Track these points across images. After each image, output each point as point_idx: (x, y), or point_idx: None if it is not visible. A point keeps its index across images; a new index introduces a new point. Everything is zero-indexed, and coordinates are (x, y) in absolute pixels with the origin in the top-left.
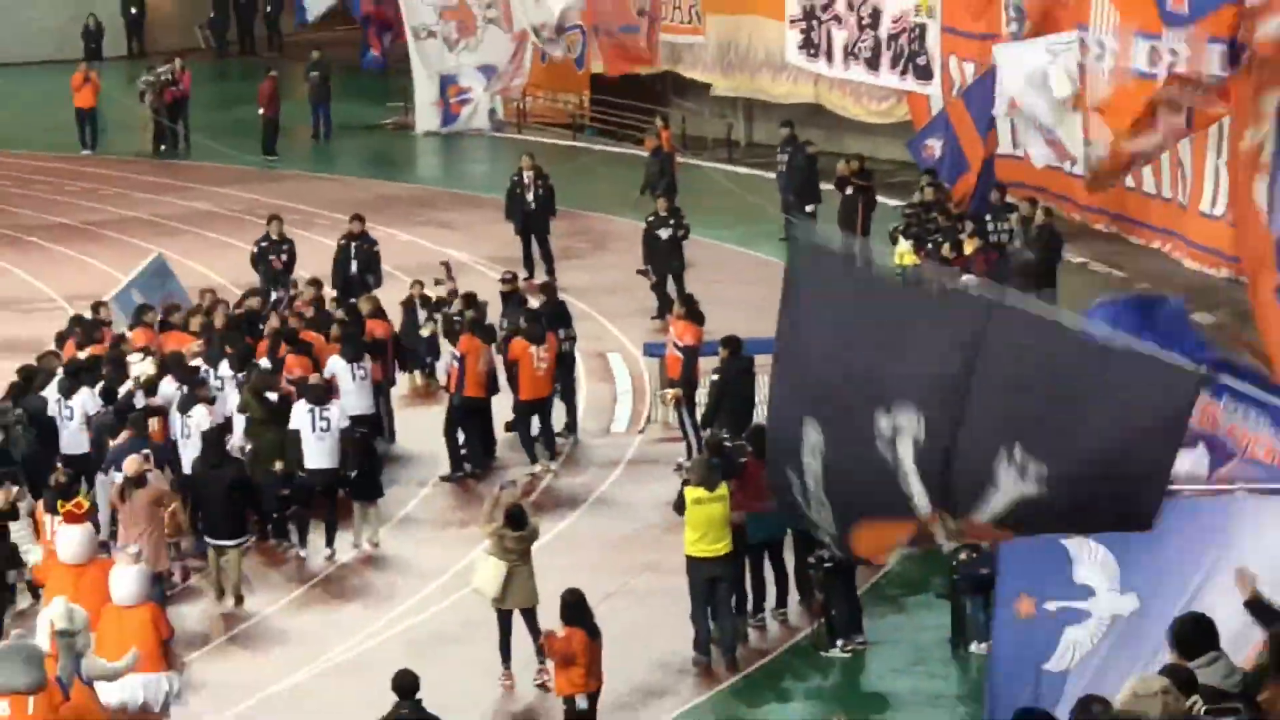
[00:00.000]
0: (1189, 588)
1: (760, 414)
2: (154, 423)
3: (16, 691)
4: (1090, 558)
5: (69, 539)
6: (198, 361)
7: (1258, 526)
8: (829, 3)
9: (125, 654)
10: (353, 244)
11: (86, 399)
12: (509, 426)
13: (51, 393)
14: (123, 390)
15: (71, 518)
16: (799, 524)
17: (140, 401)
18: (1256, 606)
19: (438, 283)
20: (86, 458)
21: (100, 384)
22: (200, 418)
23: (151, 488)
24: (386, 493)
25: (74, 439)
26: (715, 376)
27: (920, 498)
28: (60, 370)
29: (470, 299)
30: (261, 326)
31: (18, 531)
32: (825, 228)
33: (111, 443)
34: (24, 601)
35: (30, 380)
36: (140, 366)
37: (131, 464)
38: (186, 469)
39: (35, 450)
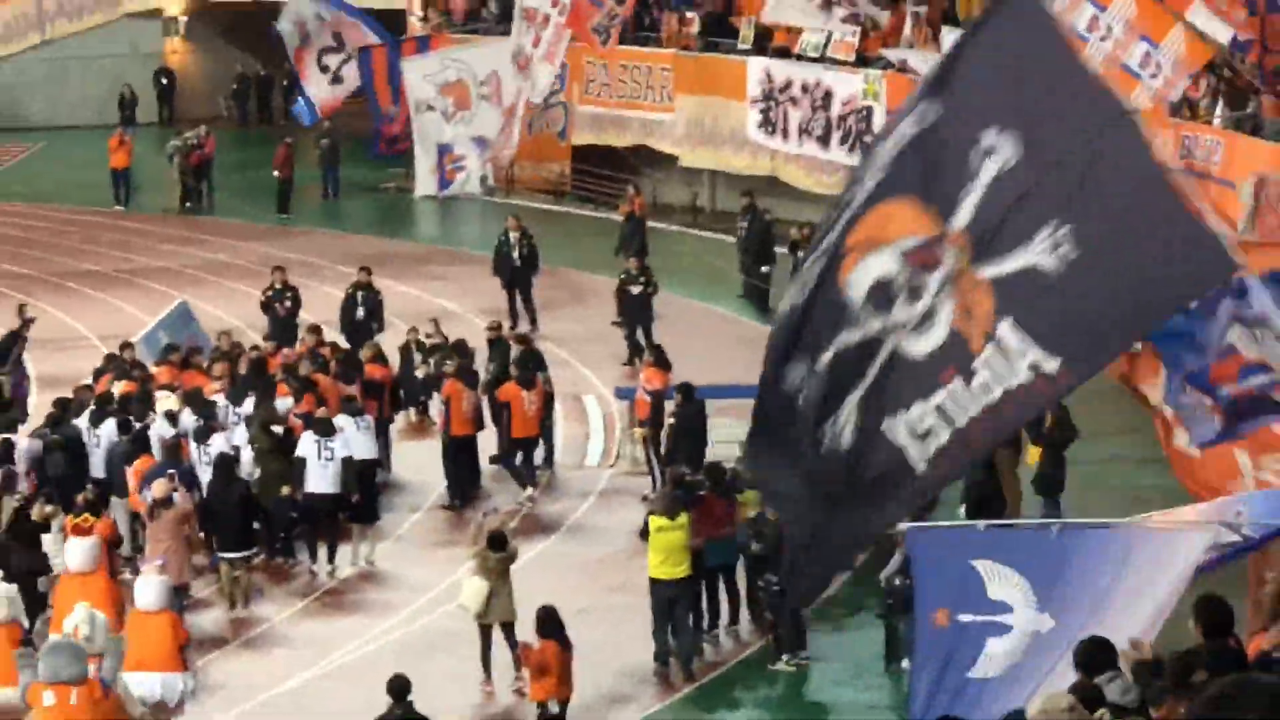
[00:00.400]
0: (1095, 612)
1: (710, 453)
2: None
3: (62, 682)
4: (1002, 578)
5: (76, 550)
6: (220, 398)
7: (1158, 558)
8: (786, 86)
9: (147, 659)
10: (359, 293)
11: (112, 428)
12: (493, 459)
13: (83, 422)
14: (152, 421)
15: (79, 531)
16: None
17: (167, 432)
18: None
19: (428, 336)
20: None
21: (119, 417)
22: (218, 447)
23: (178, 508)
24: (383, 516)
25: (101, 464)
26: (671, 420)
27: (966, 211)
28: (92, 402)
29: (460, 346)
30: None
31: (48, 544)
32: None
33: (127, 468)
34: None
35: (65, 410)
36: (166, 401)
37: (160, 486)
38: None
39: (67, 472)
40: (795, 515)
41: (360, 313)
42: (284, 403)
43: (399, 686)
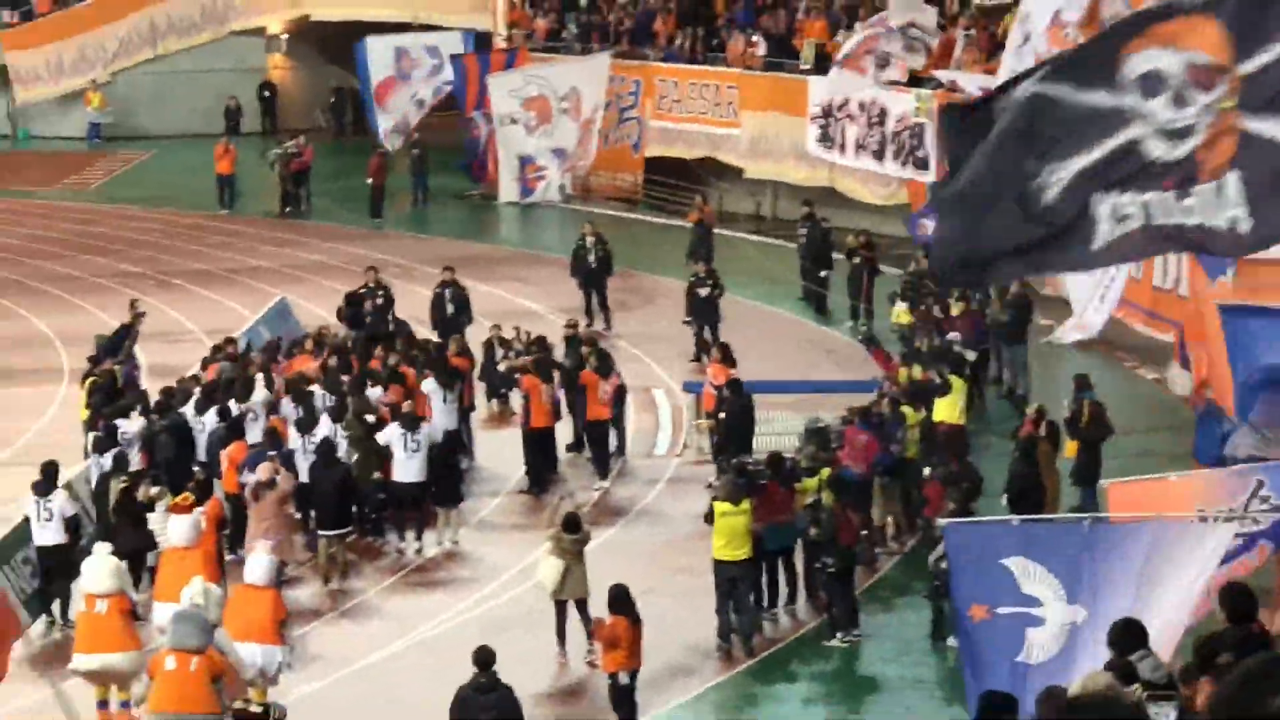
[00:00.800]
0: (1126, 597)
1: (771, 444)
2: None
3: (186, 650)
4: (1032, 575)
5: (177, 526)
6: (315, 387)
7: (1184, 547)
8: (844, 103)
9: (252, 631)
10: (447, 290)
11: (214, 416)
12: (569, 448)
13: (190, 409)
14: (248, 407)
15: (179, 509)
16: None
17: (261, 420)
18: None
19: (514, 329)
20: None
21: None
22: (321, 433)
23: (280, 489)
24: (465, 500)
25: (205, 448)
26: (721, 414)
27: (1257, 61)
28: (197, 391)
29: (540, 342)
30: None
31: (153, 522)
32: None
33: (222, 452)
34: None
35: (171, 398)
36: (262, 391)
37: (264, 469)
38: (303, 478)
39: (174, 456)
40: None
41: (450, 309)
42: (373, 392)
43: (483, 657)
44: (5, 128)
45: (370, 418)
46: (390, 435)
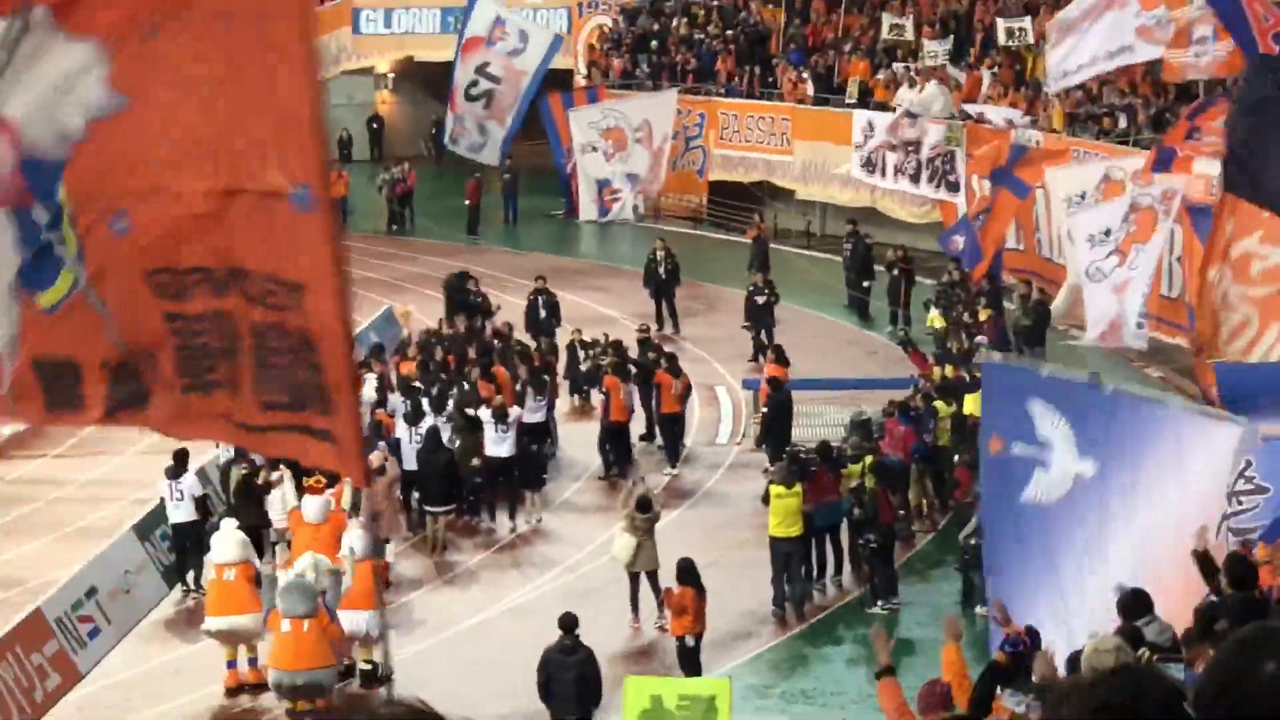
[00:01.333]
0: (1136, 472)
1: (810, 433)
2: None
3: (298, 616)
4: (1049, 423)
5: (310, 505)
6: (418, 384)
7: (1201, 447)
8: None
9: (355, 598)
10: (539, 297)
11: None
12: (641, 438)
13: None
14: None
15: (312, 491)
16: None
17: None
18: (1201, 558)
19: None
20: None
21: None
22: (427, 424)
23: (388, 474)
24: (549, 484)
25: None
26: (764, 409)
27: None
28: None
29: (617, 345)
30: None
31: (271, 503)
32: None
33: None
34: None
35: None
36: (368, 390)
37: (375, 457)
38: (409, 465)
39: None
40: None
41: (542, 314)
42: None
43: (568, 621)
44: None
45: (470, 411)
46: (485, 417)
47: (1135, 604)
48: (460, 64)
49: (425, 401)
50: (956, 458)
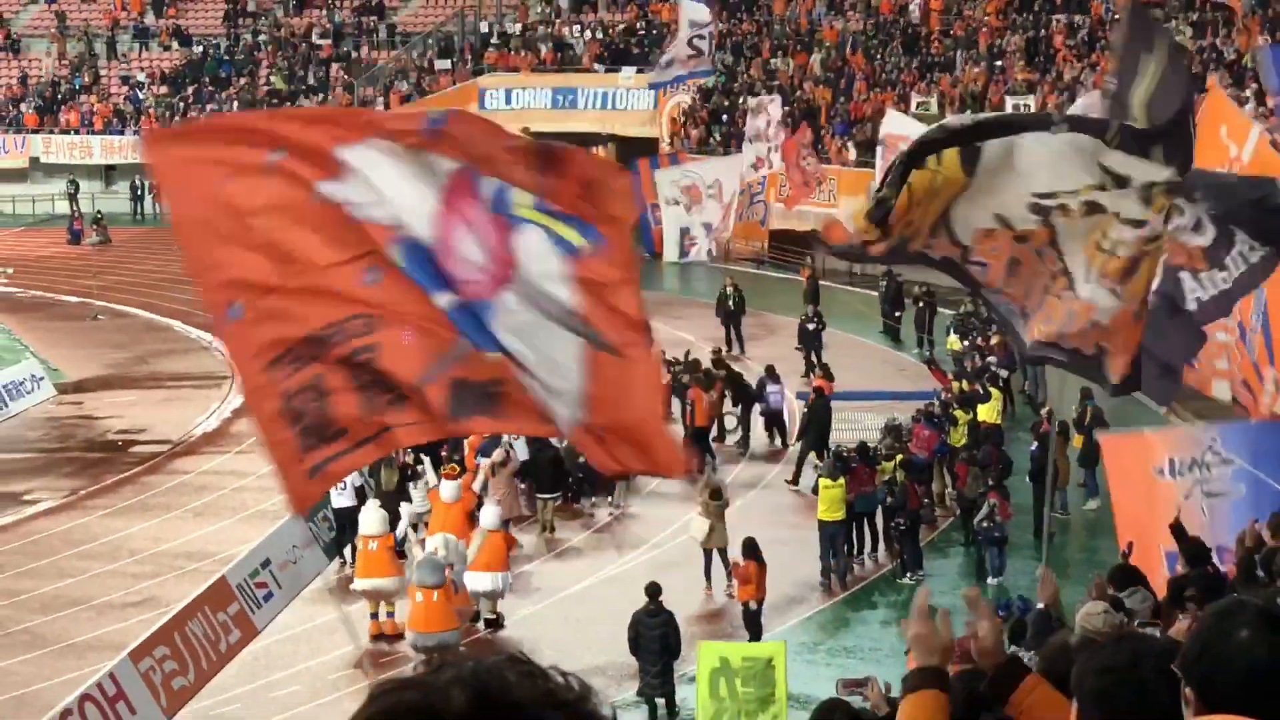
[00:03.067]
0: None
1: (851, 436)
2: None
3: (428, 587)
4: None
5: (446, 488)
6: None
7: None
8: None
9: (488, 563)
10: None
11: None
12: (714, 439)
13: None
14: None
15: (449, 476)
16: None
17: None
18: (1176, 529)
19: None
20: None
21: None
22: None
23: (510, 466)
24: (637, 476)
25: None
26: (804, 410)
27: None
28: None
29: (696, 364)
30: None
31: (414, 490)
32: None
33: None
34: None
35: None
36: None
37: (498, 453)
38: (523, 456)
39: (427, 444)
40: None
41: None
42: None
43: (653, 588)
44: None
45: None
46: None
47: (1123, 577)
48: None
49: None
50: (964, 456)
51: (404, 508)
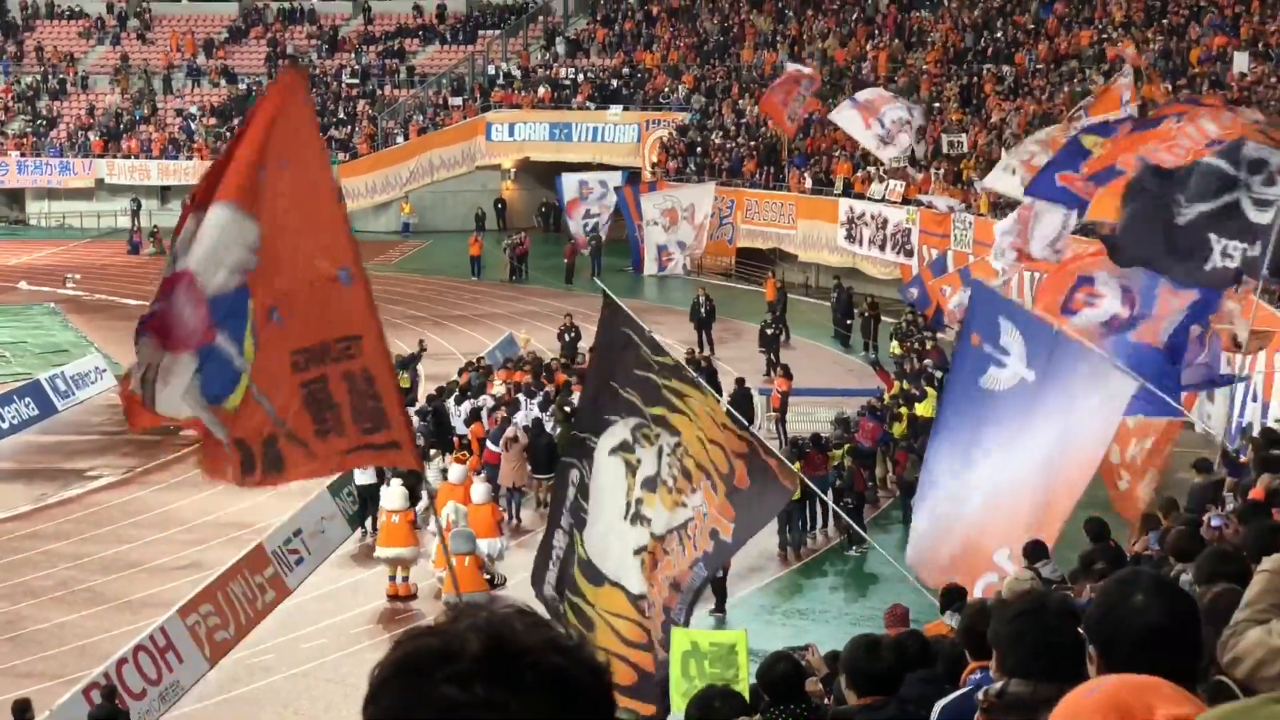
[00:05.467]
0: (1060, 399)
1: (806, 426)
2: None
3: (461, 554)
4: (1012, 333)
5: (454, 470)
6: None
7: (1095, 379)
8: (861, 214)
9: (483, 532)
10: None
11: (466, 406)
12: None
13: (450, 402)
14: (483, 401)
15: (458, 460)
16: None
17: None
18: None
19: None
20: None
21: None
22: (533, 415)
23: (518, 447)
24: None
25: (461, 425)
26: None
27: None
28: (455, 390)
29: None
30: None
31: (428, 471)
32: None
33: (468, 428)
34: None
35: (439, 394)
36: (498, 388)
37: (510, 433)
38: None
39: (436, 430)
40: None
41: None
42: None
43: None
44: None
45: (566, 407)
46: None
47: (1035, 550)
48: (570, 218)
49: (534, 401)
50: (903, 445)
51: (425, 485)
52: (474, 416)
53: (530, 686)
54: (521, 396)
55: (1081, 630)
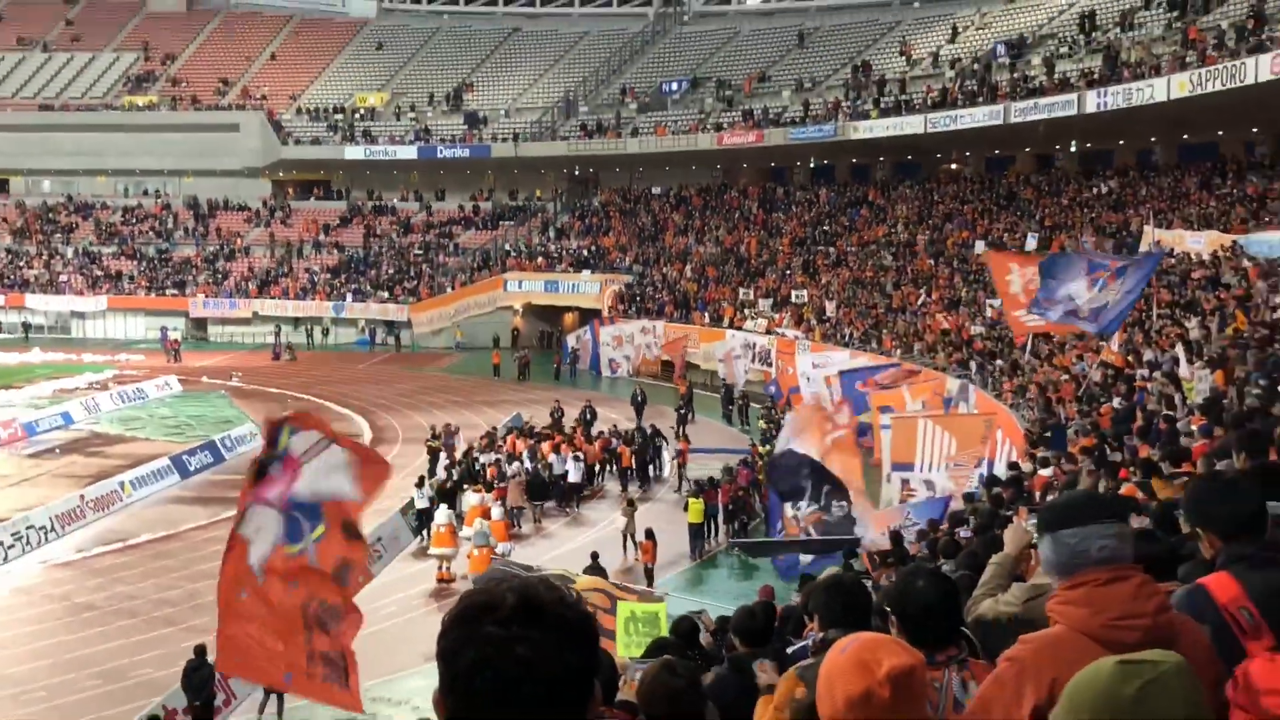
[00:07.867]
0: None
1: (705, 473)
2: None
3: (479, 547)
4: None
5: (471, 496)
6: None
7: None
8: (740, 340)
9: (500, 539)
10: (586, 410)
11: (491, 457)
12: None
13: (478, 452)
14: (497, 457)
15: (476, 491)
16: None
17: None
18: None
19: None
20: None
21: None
22: (520, 465)
23: (515, 482)
24: (598, 496)
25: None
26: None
27: None
28: (487, 443)
29: (625, 433)
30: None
31: (464, 503)
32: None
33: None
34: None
35: (468, 452)
36: (489, 456)
37: (513, 470)
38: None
39: (469, 475)
40: None
41: (587, 415)
42: (555, 458)
43: (595, 555)
44: (409, 343)
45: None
46: (559, 460)
47: (895, 549)
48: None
49: (527, 456)
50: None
51: (449, 509)
52: (493, 462)
53: (548, 627)
54: (523, 451)
55: (884, 605)
